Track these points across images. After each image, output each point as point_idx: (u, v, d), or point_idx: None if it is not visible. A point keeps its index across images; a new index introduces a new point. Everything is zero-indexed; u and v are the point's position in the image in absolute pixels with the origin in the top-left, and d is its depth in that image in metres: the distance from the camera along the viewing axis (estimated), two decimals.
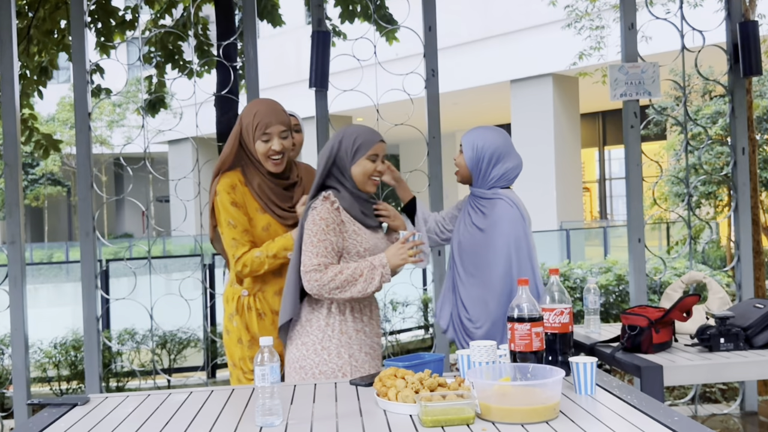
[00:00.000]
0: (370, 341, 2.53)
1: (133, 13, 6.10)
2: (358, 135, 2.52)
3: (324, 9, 4.20)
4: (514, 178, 2.75)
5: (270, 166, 2.63)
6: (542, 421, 1.72)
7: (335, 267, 2.39)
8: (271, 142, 2.60)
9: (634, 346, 2.70)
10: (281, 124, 2.61)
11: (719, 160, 8.96)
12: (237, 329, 2.68)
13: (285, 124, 2.62)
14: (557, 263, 8.10)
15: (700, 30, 4.25)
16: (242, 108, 2.98)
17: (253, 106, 2.67)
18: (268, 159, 2.62)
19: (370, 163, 2.51)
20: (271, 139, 2.60)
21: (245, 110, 2.68)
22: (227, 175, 2.66)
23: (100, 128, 24.57)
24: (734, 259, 4.31)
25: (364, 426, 1.76)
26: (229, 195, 2.61)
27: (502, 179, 2.69)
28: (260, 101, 2.71)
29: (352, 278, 2.38)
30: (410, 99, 4.30)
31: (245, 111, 2.68)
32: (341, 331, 2.46)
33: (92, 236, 4.07)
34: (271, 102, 2.69)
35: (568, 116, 15.87)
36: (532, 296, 2.08)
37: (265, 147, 2.60)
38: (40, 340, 5.94)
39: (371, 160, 2.51)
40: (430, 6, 4.18)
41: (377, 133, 2.56)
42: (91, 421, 1.92)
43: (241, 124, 2.66)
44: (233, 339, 2.70)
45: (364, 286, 2.38)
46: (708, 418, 4.28)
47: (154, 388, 5.22)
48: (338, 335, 2.45)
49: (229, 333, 2.72)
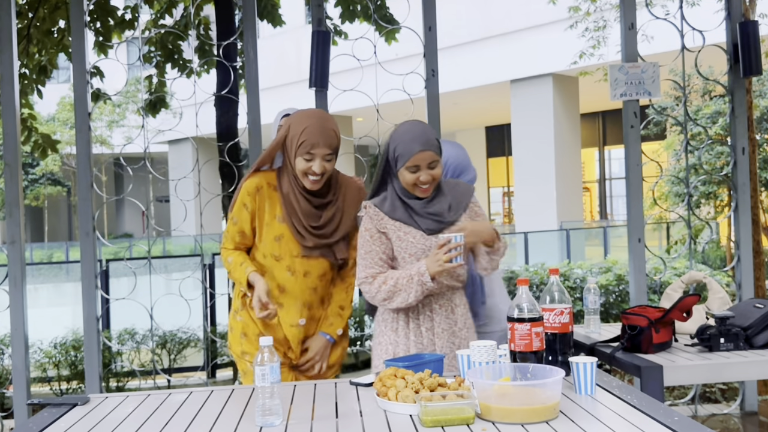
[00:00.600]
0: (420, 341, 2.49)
1: (132, 13, 6.10)
2: (398, 144, 2.44)
3: (324, 9, 4.20)
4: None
5: (307, 183, 2.53)
6: (542, 421, 1.72)
7: (381, 277, 2.42)
8: (312, 162, 2.48)
9: (634, 346, 2.70)
10: (327, 147, 2.48)
11: (719, 160, 8.96)
12: (241, 324, 2.67)
13: (332, 147, 2.50)
14: (557, 263, 8.09)
15: (700, 30, 4.24)
16: (242, 107, 2.97)
17: (305, 119, 2.52)
18: (306, 176, 2.51)
19: (410, 175, 2.43)
20: (313, 159, 2.48)
21: (296, 118, 2.55)
22: (258, 174, 2.62)
23: (100, 128, 24.59)
24: (734, 259, 4.31)
25: (364, 426, 1.76)
26: (248, 196, 2.58)
27: None
28: (313, 115, 2.56)
29: (395, 289, 2.40)
30: (410, 99, 4.30)
31: (295, 120, 2.54)
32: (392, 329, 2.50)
33: (92, 236, 4.07)
34: (323, 119, 2.53)
35: (568, 116, 15.88)
36: (531, 296, 2.09)
37: (306, 166, 2.49)
38: (40, 340, 5.94)
39: (411, 172, 2.43)
40: (430, 6, 4.17)
41: (422, 139, 2.43)
42: (91, 421, 1.92)
43: (287, 132, 2.54)
44: (236, 335, 2.70)
45: (404, 297, 2.39)
46: (708, 418, 4.28)
47: (154, 388, 5.22)
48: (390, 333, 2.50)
49: (233, 330, 2.72)
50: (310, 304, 2.64)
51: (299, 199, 2.56)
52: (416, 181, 2.44)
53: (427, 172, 2.44)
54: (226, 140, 5.31)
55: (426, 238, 2.47)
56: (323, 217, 2.58)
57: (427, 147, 2.42)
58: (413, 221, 2.48)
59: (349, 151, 5.15)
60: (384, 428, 1.74)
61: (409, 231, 2.47)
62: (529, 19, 15.22)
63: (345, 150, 3.11)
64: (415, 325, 2.49)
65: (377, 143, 4.40)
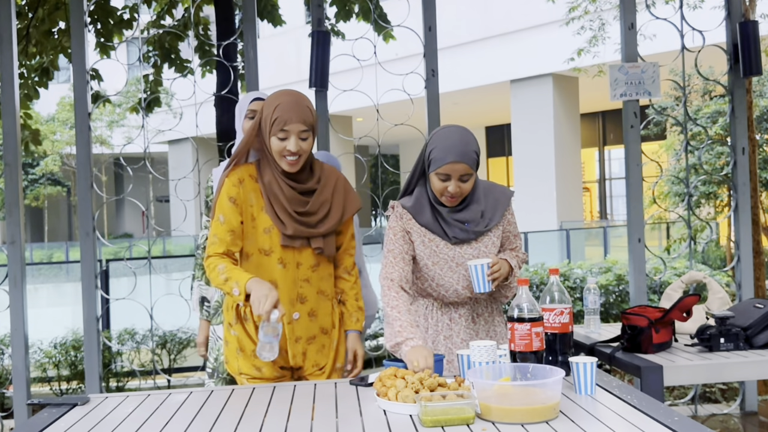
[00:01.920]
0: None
1: (131, 13, 6.10)
2: (435, 147, 2.35)
3: (324, 9, 4.20)
4: None
5: (284, 165, 2.36)
6: (542, 421, 1.72)
7: (391, 298, 2.37)
8: (287, 141, 2.32)
9: (634, 346, 2.70)
10: (302, 123, 2.32)
11: (719, 160, 8.96)
12: (236, 339, 2.48)
13: (307, 123, 2.33)
14: (557, 263, 8.09)
15: (700, 30, 4.25)
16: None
17: (276, 97, 2.39)
18: (283, 158, 2.35)
19: (440, 182, 2.34)
20: (288, 137, 2.32)
21: (267, 100, 2.41)
22: (237, 169, 2.44)
23: (100, 128, 24.58)
24: (734, 259, 4.31)
25: (364, 426, 1.76)
26: (234, 188, 2.39)
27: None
28: (284, 93, 2.41)
29: (389, 323, 2.34)
30: (410, 99, 4.30)
31: (267, 101, 2.41)
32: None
33: (92, 236, 4.07)
34: (296, 95, 2.38)
35: (568, 116, 15.87)
36: (531, 296, 2.09)
37: (280, 146, 2.33)
38: (40, 340, 5.94)
39: (441, 179, 2.34)
40: (430, 6, 4.17)
41: (459, 150, 2.32)
42: (91, 421, 1.92)
43: (261, 115, 2.40)
44: (232, 350, 2.50)
45: (388, 337, 2.33)
46: (708, 418, 4.28)
47: (154, 388, 5.22)
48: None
49: (228, 344, 2.53)
50: (303, 297, 2.44)
51: (282, 185, 2.38)
52: (444, 191, 2.36)
53: (456, 184, 2.35)
54: (226, 140, 5.30)
55: (450, 248, 2.42)
56: (310, 204, 2.41)
57: (462, 159, 2.32)
58: (440, 228, 2.41)
59: (349, 151, 5.14)
60: (384, 428, 1.74)
61: (434, 238, 2.42)
62: (529, 19, 15.21)
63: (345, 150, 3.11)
64: (435, 332, 2.49)
65: (377, 143, 4.40)
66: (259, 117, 2.41)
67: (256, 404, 2.02)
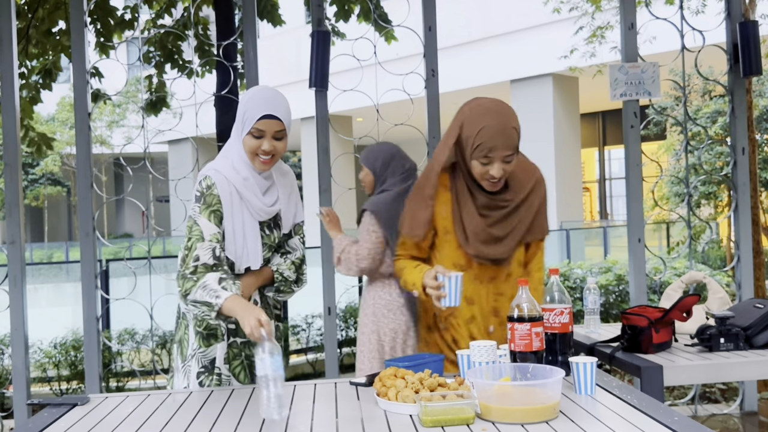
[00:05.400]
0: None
1: (132, 13, 6.10)
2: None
3: (324, 9, 4.20)
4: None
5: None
6: (542, 421, 1.72)
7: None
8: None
9: (634, 346, 2.70)
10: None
11: (719, 160, 8.96)
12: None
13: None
14: (557, 263, 8.09)
15: (700, 30, 4.25)
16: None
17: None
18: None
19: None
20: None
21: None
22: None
23: (100, 128, 24.57)
24: (734, 259, 4.31)
25: (364, 426, 1.76)
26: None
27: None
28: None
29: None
30: (410, 99, 4.30)
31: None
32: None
33: (92, 236, 4.07)
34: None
35: (568, 116, 15.87)
36: (531, 296, 2.08)
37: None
38: (40, 340, 5.94)
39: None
40: (430, 6, 4.17)
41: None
42: (91, 421, 1.92)
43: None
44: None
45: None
46: (708, 418, 4.28)
47: (154, 388, 5.22)
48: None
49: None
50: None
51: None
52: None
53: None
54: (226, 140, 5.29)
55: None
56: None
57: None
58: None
59: (349, 151, 5.15)
60: (384, 428, 1.74)
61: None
62: (528, 19, 15.20)
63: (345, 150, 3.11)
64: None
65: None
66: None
67: (256, 404, 2.01)
